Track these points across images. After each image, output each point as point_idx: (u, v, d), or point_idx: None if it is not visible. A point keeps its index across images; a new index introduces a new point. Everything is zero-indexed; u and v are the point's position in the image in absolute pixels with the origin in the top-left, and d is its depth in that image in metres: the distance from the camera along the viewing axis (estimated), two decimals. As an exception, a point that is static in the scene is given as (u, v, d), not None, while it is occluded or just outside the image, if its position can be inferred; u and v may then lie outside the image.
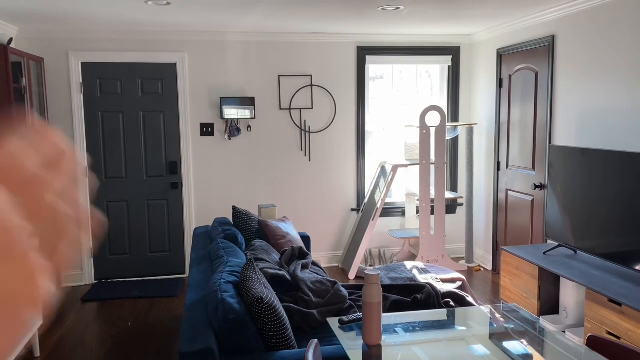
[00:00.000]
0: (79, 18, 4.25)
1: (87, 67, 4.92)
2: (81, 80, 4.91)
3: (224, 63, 5.14)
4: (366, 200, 5.48)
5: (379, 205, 5.07)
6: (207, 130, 5.17)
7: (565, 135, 4.14)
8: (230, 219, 5.16)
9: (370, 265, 5.42)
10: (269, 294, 2.35)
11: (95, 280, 5.16)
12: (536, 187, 4.53)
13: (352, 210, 5.57)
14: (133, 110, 5.05)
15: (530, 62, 4.56)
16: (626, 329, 2.86)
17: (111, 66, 4.96)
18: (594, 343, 1.97)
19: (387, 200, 5.61)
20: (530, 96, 4.58)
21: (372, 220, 5.08)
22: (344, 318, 2.29)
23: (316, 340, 1.85)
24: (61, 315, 4.29)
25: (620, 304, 2.91)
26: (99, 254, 5.14)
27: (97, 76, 4.95)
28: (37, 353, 3.53)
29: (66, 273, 0.30)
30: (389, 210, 5.62)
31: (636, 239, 3.13)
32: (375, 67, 5.53)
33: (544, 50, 4.37)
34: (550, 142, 4.33)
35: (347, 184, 5.53)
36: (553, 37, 4.22)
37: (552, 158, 3.89)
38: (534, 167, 4.59)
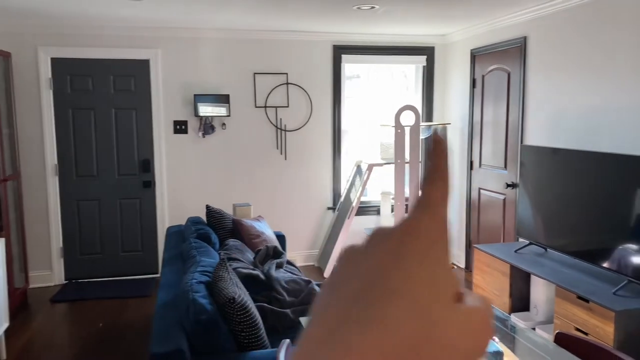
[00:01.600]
0: (49, 12, 4.15)
1: (57, 63, 4.81)
2: (51, 76, 4.80)
3: (199, 60, 5.08)
4: (342, 199, 5.48)
5: (354, 204, 5.08)
6: (180, 127, 5.10)
7: (537, 135, 4.21)
8: (204, 218, 5.10)
9: (346, 264, 5.42)
10: (242, 294, 2.33)
11: (65, 280, 5.04)
12: (508, 186, 4.60)
13: (328, 209, 5.57)
14: (105, 108, 4.95)
15: (503, 62, 4.62)
16: (594, 325, 2.92)
17: (82, 62, 4.85)
18: (562, 340, 2.00)
19: (363, 199, 5.62)
20: (503, 96, 4.64)
21: (348, 219, 5.09)
22: (317, 317, 2.29)
23: (288, 340, 1.84)
24: (29, 316, 4.19)
25: (588, 301, 2.97)
26: (70, 253, 5.03)
27: (67, 72, 4.84)
28: (4, 356, 3.44)
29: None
30: (364, 209, 5.64)
31: (605, 237, 3.20)
32: (351, 66, 5.54)
33: (515, 51, 4.43)
34: (522, 142, 4.40)
35: (323, 183, 5.52)
36: (525, 38, 4.29)
37: (524, 157, 3.95)
38: (506, 166, 4.65)
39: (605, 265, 3.19)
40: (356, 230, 5.64)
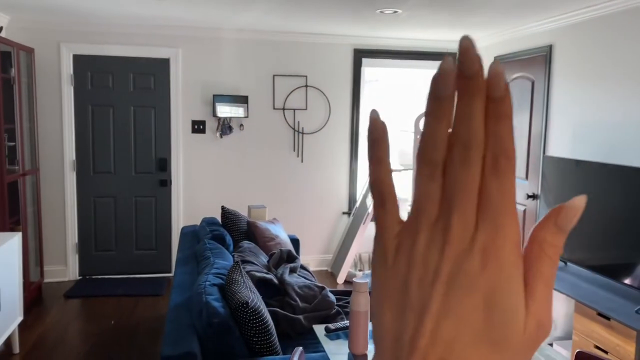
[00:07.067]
0: (72, 9, 4.18)
1: (78, 60, 4.84)
2: (72, 73, 4.83)
3: (219, 60, 5.08)
4: (358, 204, 5.43)
5: (370, 210, 5.02)
6: (198, 127, 5.10)
7: (560, 146, 4.12)
8: (219, 219, 5.09)
9: (360, 270, 5.37)
10: (255, 299, 2.29)
11: (79, 276, 5.07)
12: (529, 196, 4.51)
13: (344, 213, 5.52)
14: (124, 105, 4.97)
15: (527, 70, 4.54)
16: (614, 344, 2.84)
17: (103, 59, 4.88)
18: (582, 359, 1.94)
19: (379, 204, 5.56)
20: (526, 105, 4.56)
21: (363, 224, 5.04)
22: (331, 326, 2.24)
23: (301, 348, 1.80)
24: (43, 311, 4.21)
25: (608, 318, 2.88)
26: (84, 249, 5.05)
27: (88, 69, 4.87)
28: (17, 349, 3.45)
29: None
30: (379, 215, 5.57)
31: (627, 253, 3.11)
32: (371, 70, 5.49)
33: (541, 59, 4.35)
34: (544, 152, 4.31)
35: (339, 187, 5.48)
36: (550, 46, 4.20)
37: (546, 168, 3.87)
38: (527, 177, 4.56)
39: (627, 281, 3.10)
40: (371, 237, 5.58)
